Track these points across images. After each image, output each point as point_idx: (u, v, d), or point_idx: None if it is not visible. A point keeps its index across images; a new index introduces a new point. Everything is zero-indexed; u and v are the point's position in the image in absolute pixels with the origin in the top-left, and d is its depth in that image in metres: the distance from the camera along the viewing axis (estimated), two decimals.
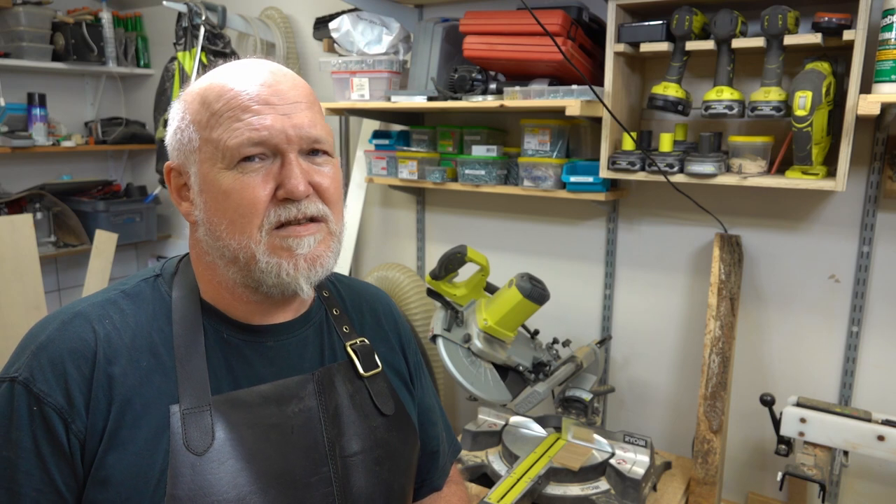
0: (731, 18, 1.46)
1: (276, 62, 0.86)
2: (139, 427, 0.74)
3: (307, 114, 0.79)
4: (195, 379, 0.78)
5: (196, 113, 0.79)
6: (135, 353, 0.77)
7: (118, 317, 0.79)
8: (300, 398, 0.83)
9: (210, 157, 0.77)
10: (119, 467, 0.73)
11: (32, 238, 2.32)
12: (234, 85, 0.78)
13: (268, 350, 0.84)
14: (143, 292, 0.83)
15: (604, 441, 1.65)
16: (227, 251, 0.78)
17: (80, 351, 0.75)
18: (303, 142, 0.78)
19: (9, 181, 2.81)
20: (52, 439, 0.72)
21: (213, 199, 0.77)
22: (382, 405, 0.90)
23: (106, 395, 0.74)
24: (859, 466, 1.69)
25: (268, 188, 0.76)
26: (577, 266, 2.06)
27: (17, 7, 2.55)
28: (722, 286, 1.67)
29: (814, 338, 1.72)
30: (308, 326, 0.90)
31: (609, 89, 1.64)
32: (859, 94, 1.36)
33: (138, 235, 3.03)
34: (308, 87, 0.84)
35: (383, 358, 0.95)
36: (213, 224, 0.78)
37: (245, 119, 0.76)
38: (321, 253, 0.80)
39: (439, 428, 1.06)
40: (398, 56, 2.05)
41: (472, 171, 1.94)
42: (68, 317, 0.78)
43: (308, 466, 0.81)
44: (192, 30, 2.22)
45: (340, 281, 1.03)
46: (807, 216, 1.69)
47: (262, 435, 0.78)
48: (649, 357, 1.98)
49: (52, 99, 2.80)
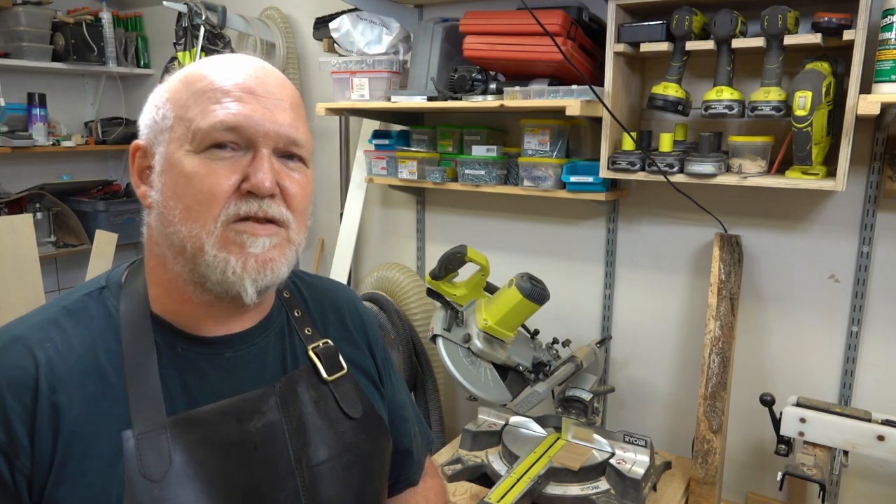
0: (731, 18, 1.46)
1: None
2: (90, 457, 0.70)
3: (289, 114, 0.76)
4: (148, 400, 0.72)
5: (175, 91, 0.76)
6: (81, 378, 0.71)
7: (60, 339, 0.73)
8: (262, 413, 0.78)
9: (180, 136, 0.73)
10: (71, 501, 0.69)
11: (32, 238, 2.32)
12: (221, 70, 0.75)
13: (226, 362, 0.79)
14: (86, 308, 0.77)
15: (604, 441, 1.65)
16: (176, 239, 0.73)
17: (19, 380, 0.69)
18: (280, 140, 0.75)
19: (9, 181, 2.81)
20: None
21: (174, 181, 0.73)
22: (349, 408, 0.87)
23: (51, 425, 0.69)
24: (859, 466, 1.69)
25: (233, 179, 0.72)
26: (577, 266, 2.06)
27: (17, 7, 2.55)
28: (722, 286, 1.68)
29: (814, 338, 1.72)
30: (268, 333, 0.85)
31: (609, 89, 1.64)
32: (859, 94, 1.36)
33: (138, 235, 3.01)
34: (296, 91, 0.80)
35: (349, 358, 0.91)
36: (168, 208, 0.73)
37: (224, 102, 0.72)
38: (274, 257, 0.74)
39: (411, 423, 1.04)
40: (398, 56, 2.05)
41: (472, 171, 1.94)
42: (4, 343, 0.72)
43: (274, 482, 0.77)
44: (192, 30, 2.22)
45: (302, 279, 0.97)
46: (807, 216, 1.69)
47: (223, 454, 0.75)
48: (649, 357, 1.98)
49: (52, 99, 2.81)
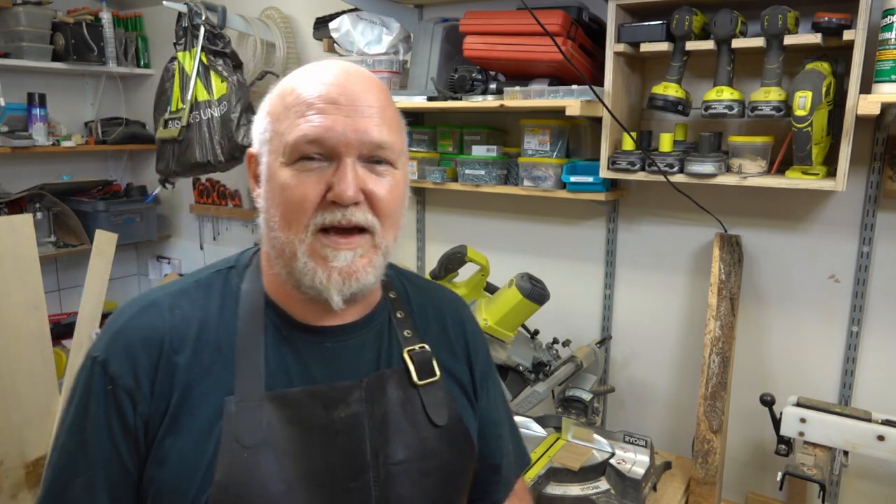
0: (731, 18, 1.46)
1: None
2: (195, 415, 0.78)
3: (375, 119, 0.78)
4: (251, 374, 0.79)
5: (273, 105, 0.81)
6: (199, 344, 0.80)
7: (188, 307, 0.83)
8: (347, 404, 0.82)
9: (276, 149, 0.79)
10: (174, 450, 0.77)
11: (32, 238, 2.32)
12: (309, 82, 0.79)
13: (325, 351, 0.85)
14: (213, 284, 0.86)
15: (604, 441, 1.65)
16: (277, 243, 0.79)
17: (150, 339, 0.79)
18: (363, 147, 0.77)
19: (9, 181, 2.81)
20: (121, 417, 0.77)
21: (272, 190, 0.79)
22: (435, 415, 0.88)
23: (169, 382, 0.78)
24: (859, 466, 1.69)
25: (319, 189, 0.76)
26: (577, 266, 2.06)
27: (17, 7, 2.55)
28: (722, 286, 1.67)
29: (814, 338, 1.72)
30: (369, 329, 0.89)
31: (609, 89, 1.64)
32: (859, 94, 1.36)
33: (138, 235, 3.03)
34: (385, 94, 0.82)
35: (444, 366, 0.92)
36: (270, 215, 0.80)
37: (308, 116, 0.76)
38: (359, 268, 0.79)
39: (504, 441, 1.02)
40: (398, 56, 2.05)
41: (472, 171, 1.94)
42: (144, 305, 0.83)
43: (349, 472, 0.81)
44: (192, 30, 2.21)
45: (412, 282, 1.00)
46: (807, 216, 1.69)
47: (307, 435, 0.79)
48: (649, 357, 1.98)
49: (52, 99, 2.80)
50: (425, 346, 0.91)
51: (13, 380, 2.23)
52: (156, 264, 3.33)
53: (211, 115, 2.21)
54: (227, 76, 2.21)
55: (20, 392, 2.25)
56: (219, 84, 2.21)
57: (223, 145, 2.22)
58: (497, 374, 1.07)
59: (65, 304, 3.08)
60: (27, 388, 2.27)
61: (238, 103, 2.21)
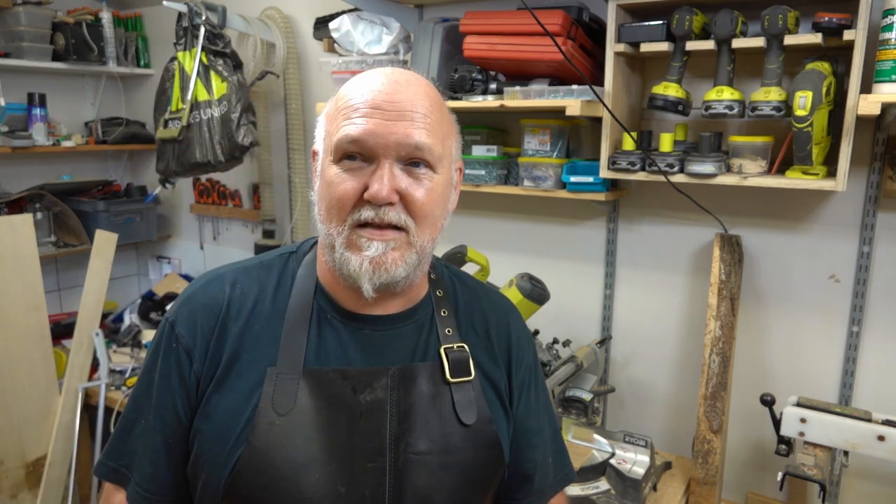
0: (731, 18, 1.46)
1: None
2: (241, 379, 0.86)
3: (417, 123, 0.82)
4: (293, 349, 0.87)
5: (329, 108, 0.89)
6: (253, 316, 0.89)
7: (248, 284, 0.92)
8: (373, 388, 0.87)
9: (326, 147, 0.86)
10: (219, 407, 0.86)
11: (32, 238, 2.32)
12: (360, 87, 0.84)
13: (363, 337, 0.90)
14: (274, 266, 0.95)
15: (604, 441, 1.65)
16: (324, 233, 0.87)
17: (211, 307, 0.90)
18: (401, 149, 0.81)
19: (9, 181, 2.81)
20: (181, 371, 0.88)
21: (322, 185, 0.86)
22: (463, 413, 0.90)
23: (222, 346, 0.88)
24: (859, 466, 1.69)
25: (358, 187, 0.82)
26: (577, 266, 2.06)
27: (17, 7, 2.55)
28: (722, 286, 1.68)
29: (814, 338, 1.72)
30: (409, 323, 0.93)
31: (609, 89, 1.64)
32: (859, 94, 1.36)
33: (138, 235, 3.03)
34: (435, 102, 0.87)
35: (481, 367, 0.95)
36: (320, 207, 0.87)
37: (353, 118, 0.82)
38: (391, 260, 0.83)
39: (539, 452, 1.01)
40: (398, 56, 2.05)
41: (472, 171, 1.94)
42: (212, 277, 0.94)
43: (367, 452, 0.85)
44: (192, 30, 2.21)
45: (463, 282, 1.04)
46: (807, 216, 1.69)
47: (334, 412, 0.85)
48: (649, 357, 1.98)
49: (52, 99, 2.80)
50: (464, 345, 0.94)
51: (13, 380, 2.23)
52: (156, 264, 3.32)
53: (211, 115, 2.21)
54: (228, 76, 2.21)
55: (20, 392, 2.25)
56: (219, 84, 2.21)
57: (223, 145, 2.22)
58: (545, 388, 1.07)
59: (65, 304, 3.08)
60: (27, 388, 2.27)
61: (238, 103, 2.21)
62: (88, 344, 2.42)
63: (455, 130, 0.92)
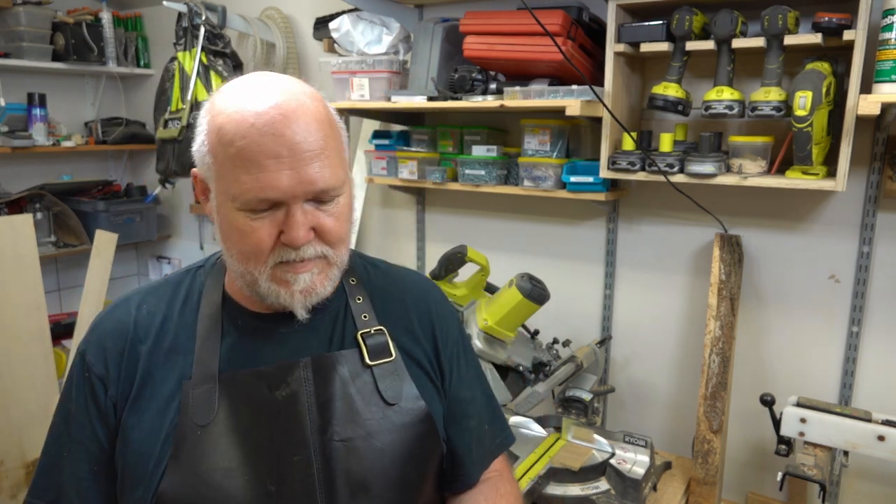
0: (731, 18, 1.46)
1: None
2: (154, 397, 0.87)
3: (317, 163, 0.80)
4: (207, 359, 0.87)
5: (213, 145, 0.83)
6: (161, 334, 0.90)
7: (154, 302, 0.93)
8: (287, 383, 0.87)
9: (224, 191, 0.82)
10: (136, 429, 0.86)
11: (32, 238, 2.31)
12: (247, 126, 0.78)
13: (278, 336, 0.91)
14: (182, 281, 0.96)
15: (604, 441, 1.65)
16: (235, 268, 0.87)
17: (118, 331, 0.90)
18: (307, 194, 0.81)
19: (9, 181, 2.81)
20: (96, 400, 0.88)
21: (226, 228, 0.84)
22: (387, 393, 0.91)
23: (133, 367, 0.88)
24: (859, 466, 1.69)
25: (272, 233, 0.82)
26: (577, 266, 2.06)
27: (17, 7, 2.55)
28: (722, 286, 1.67)
29: (814, 338, 1.72)
30: (322, 315, 0.93)
31: (609, 89, 1.64)
32: (859, 94, 1.36)
33: (138, 235, 3.03)
34: (322, 120, 0.82)
35: (403, 347, 0.96)
36: (227, 246, 0.86)
37: (254, 174, 0.78)
38: (318, 283, 0.86)
39: (473, 420, 1.03)
40: (398, 56, 2.05)
41: (472, 171, 1.94)
42: (118, 303, 0.95)
43: (290, 447, 0.85)
44: (192, 30, 2.21)
45: (378, 267, 1.05)
46: (807, 216, 1.69)
47: (254, 413, 0.86)
48: (649, 357, 1.98)
49: (52, 99, 2.80)
50: (382, 328, 0.95)
51: (13, 380, 2.23)
52: (156, 264, 3.33)
53: None
54: (228, 76, 2.21)
55: (20, 392, 2.25)
56: (219, 84, 2.20)
57: None
58: (474, 357, 1.09)
59: (65, 304, 3.08)
60: (27, 388, 2.27)
61: None
62: None
63: (343, 136, 0.89)
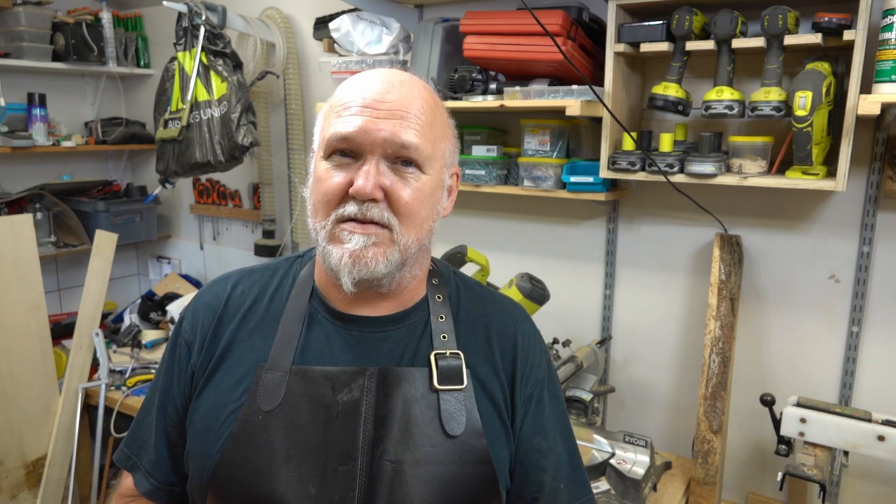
0: (731, 18, 1.46)
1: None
2: (230, 373, 0.90)
3: (406, 123, 0.82)
4: (285, 348, 0.89)
5: (326, 107, 0.90)
6: (248, 315, 0.93)
7: (250, 284, 0.97)
8: (350, 388, 0.86)
9: (320, 144, 0.87)
10: (207, 401, 0.90)
11: (32, 238, 2.32)
12: (353, 88, 0.85)
13: (351, 338, 0.90)
14: (279, 268, 0.99)
15: (604, 441, 1.65)
16: (312, 228, 0.87)
17: (211, 305, 0.95)
18: (387, 146, 0.81)
19: (9, 181, 2.81)
20: (181, 363, 0.94)
21: (313, 181, 0.88)
22: (448, 423, 0.85)
23: (217, 341, 0.92)
24: (859, 466, 1.69)
25: (343, 183, 0.82)
26: (577, 266, 2.06)
27: (17, 7, 2.55)
28: (722, 286, 1.67)
29: (814, 338, 1.72)
30: (400, 326, 0.91)
31: (609, 89, 1.64)
32: (859, 94, 1.36)
33: (138, 235, 3.03)
34: (428, 102, 0.86)
35: (477, 376, 0.90)
36: (310, 203, 0.88)
37: (344, 116, 0.83)
38: (371, 255, 0.82)
39: (549, 476, 0.93)
40: (398, 56, 2.05)
41: (472, 171, 1.94)
42: (219, 279, 1.00)
43: (340, 454, 0.83)
44: (192, 30, 2.21)
45: (470, 288, 0.99)
46: (807, 216, 1.69)
47: (314, 411, 0.85)
48: (649, 357, 1.98)
49: (52, 99, 2.80)
50: (459, 353, 0.89)
51: (13, 380, 2.23)
52: (156, 264, 3.32)
53: (211, 115, 2.21)
54: (227, 76, 2.21)
55: (20, 392, 2.25)
56: (219, 84, 2.21)
57: (223, 145, 2.22)
58: (561, 405, 0.99)
59: (65, 304, 3.08)
60: (27, 388, 2.27)
61: (238, 103, 2.21)
62: (88, 344, 2.42)
63: (451, 135, 0.91)
